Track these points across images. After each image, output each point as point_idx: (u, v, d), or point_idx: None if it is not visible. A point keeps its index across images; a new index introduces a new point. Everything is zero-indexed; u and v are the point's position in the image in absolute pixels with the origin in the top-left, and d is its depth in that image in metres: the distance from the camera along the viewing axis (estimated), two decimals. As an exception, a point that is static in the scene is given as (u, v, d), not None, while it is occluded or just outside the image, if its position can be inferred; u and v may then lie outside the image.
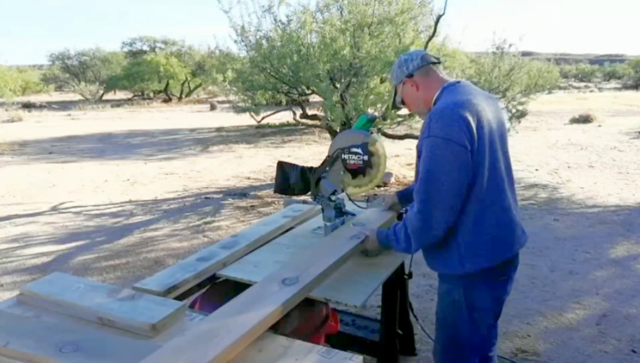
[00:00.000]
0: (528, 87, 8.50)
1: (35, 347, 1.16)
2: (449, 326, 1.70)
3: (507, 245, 1.62)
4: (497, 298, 1.67)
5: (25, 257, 4.14)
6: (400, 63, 1.74)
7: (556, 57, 39.46)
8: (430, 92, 1.67)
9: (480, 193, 1.54)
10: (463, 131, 1.48)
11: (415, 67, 1.69)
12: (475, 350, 1.71)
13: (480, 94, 1.65)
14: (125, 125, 14.25)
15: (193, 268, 1.73)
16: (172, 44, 27.16)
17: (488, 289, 1.63)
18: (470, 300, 1.62)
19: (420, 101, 1.72)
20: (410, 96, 1.74)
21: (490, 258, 1.59)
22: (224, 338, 1.16)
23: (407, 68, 1.71)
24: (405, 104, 1.80)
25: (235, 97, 7.95)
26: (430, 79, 1.69)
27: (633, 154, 8.35)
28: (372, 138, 2.00)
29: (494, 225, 1.58)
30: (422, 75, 1.69)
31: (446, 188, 1.50)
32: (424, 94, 1.69)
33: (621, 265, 3.80)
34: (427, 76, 1.69)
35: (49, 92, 29.01)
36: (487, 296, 1.64)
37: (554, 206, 5.41)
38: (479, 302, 1.63)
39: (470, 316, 1.64)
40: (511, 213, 1.63)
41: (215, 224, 4.92)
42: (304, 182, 2.09)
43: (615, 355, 2.58)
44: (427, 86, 1.68)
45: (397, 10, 5.94)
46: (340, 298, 1.57)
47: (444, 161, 1.49)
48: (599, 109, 15.37)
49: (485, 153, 1.54)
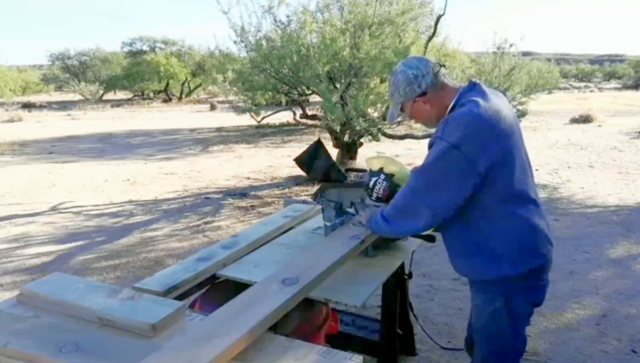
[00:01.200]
0: (528, 87, 8.52)
1: (35, 347, 1.16)
2: (491, 337, 1.64)
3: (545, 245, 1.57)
4: (535, 302, 1.63)
5: (25, 257, 4.14)
6: (408, 80, 1.57)
7: (556, 57, 39.49)
8: (444, 104, 1.57)
9: (509, 196, 1.49)
10: (477, 143, 1.42)
11: (428, 84, 1.56)
12: (518, 356, 1.68)
13: (496, 94, 1.58)
14: (125, 125, 14.24)
15: (193, 268, 1.73)
16: (172, 44, 27.15)
17: (528, 295, 1.58)
18: (511, 307, 1.56)
19: (432, 115, 1.61)
20: (421, 112, 1.63)
21: (526, 263, 1.53)
22: (224, 339, 1.16)
23: (419, 86, 1.56)
24: (412, 117, 1.71)
25: (235, 98, 7.95)
26: (443, 91, 1.58)
27: (633, 154, 8.35)
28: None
29: (527, 228, 1.53)
30: (435, 91, 1.57)
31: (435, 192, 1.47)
32: (437, 109, 1.58)
33: (621, 265, 3.80)
34: (440, 89, 1.58)
35: (49, 92, 29.01)
36: (527, 302, 1.60)
37: (554, 206, 5.41)
38: (519, 309, 1.58)
39: (513, 324, 1.59)
40: (544, 217, 1.59)
41: (215, 224, 4.92)
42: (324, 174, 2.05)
43: (615, 355, 2.58)
44: (441, 101, 1.57)
45: (398, 11, 5.94)
46: (340, 298, 1.57)
47: (443, 167, 1.44)
48: (599, 109, 15.37)
49: (514, 160, 1.49)
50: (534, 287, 1.59)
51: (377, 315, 2.49)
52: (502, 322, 1.58)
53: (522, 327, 1.63)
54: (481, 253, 1.55)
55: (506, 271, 1.52)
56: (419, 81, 1.56)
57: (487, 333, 1.64)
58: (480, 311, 1.64)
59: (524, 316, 1.62)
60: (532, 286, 1.58)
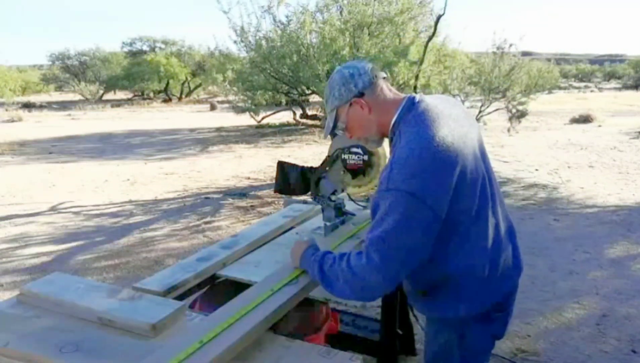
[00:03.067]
0: (528, 87, 8.52)
1: (35, 347, 1.16)
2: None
3: (505, 279, 1.42)
4: (495, 336, 1.48)
5: (25, 257, 4.14)
6: (344, 79, 1.39)
7: (556, 57, 39.48)
8: (387, 115, 1.36)
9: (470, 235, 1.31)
10: (433, 185, 1.20)
11: (366, 83, 1.37)
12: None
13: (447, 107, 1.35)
14: (125, 125, 14.24)
15: (193, 268, 1.73)
16: (172, 44, 27.17)
17: (485, 328, 1.42)
18: (465, 341, 1.40)
19: (372, 125, 1.40)
20: (358, 119, 1.40)
21: (487, 299, 1.38)
22: (224, 338, 1.16)
23: (355, 86, 1.37)
24: (349, 129, 1.45)
25: (235, 98, 7.96)
26: (383, 98, 1.38)
27: (633, 154, 8.35)
28: None
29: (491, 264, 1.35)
30: (373, 93, 1.37)
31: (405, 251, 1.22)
32: (377, 117, 1.38)
33: (621, 264, 3.80)
34: (380, 94, 1.38)
35: (49, 92, 28.99)
36: (485, 336, 1.44)
37: (554, 206, 5.41)
38: (474, 344, 1.42)
39: (463, 358, 1.43)
40: (506, 249, 1.41)
41: (215, 224, 4.92)
42: (304, 182, 2.09)
43: (615, 355, 2.58)
44: (381, 107, 1.37)
45: (397, 11, 5.95)
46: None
47: (404, 221, 1.19)
48: (599, 109, 15.37)
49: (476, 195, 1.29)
50: (494, 318, 1.43)
51: (377, 315, 2.49)
52: (452, 355, 1.43)
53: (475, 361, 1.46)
54: (437, 292, 1.39)
55: (462, 311, 1.36)
56: (355, 80, 1.37)
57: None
58: (431, 341, 1.49)
59: (480, 352, 1.46)
60: (493, 317, 1.42)
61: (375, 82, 1.38)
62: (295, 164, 2.14)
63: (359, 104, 1.38)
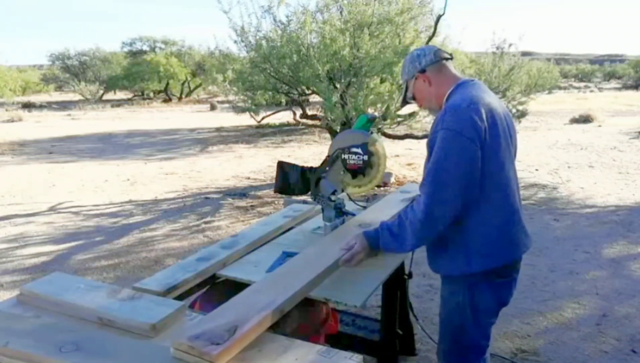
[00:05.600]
0: (528, 87, 8.51)
1: (35, 347, 1.16)
2: (453, 328, 1.69)
3: (515, 245, 1.61)
4: (500, 300, 1.67)
5: (25, 257, 4.14)
6: (412, 58, 1.72)
7: (556, 57, 39.49)
8: (443, 88, 1.65)
9: (490, 192, 1.53)
10: (475, 128, 1.47)
11: (428, 62, 1.68)
12: (479, 351, 1.71)
13: (493, 95, 1.64)
14: (125, 125, 14.24)
15: (193, 268, 1.73)
16: (172, 44, 27.17)
17: (492, 291, 1.62)
18: (475, 301, 1.61)
19: (432, 96, 1.70)
20: (422, 91, 1.72)
21: (498, 258, 1.57)
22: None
23: (419, 63, 1.69)
24: (416, 99, 1.77)
25: (235, 98, 7.95)
26: (443, 75, 1.67)
27: (633, 154, 8.35)
28: (372, 137, 2.00)
29: (503, 225, 1.57)
30: (434, 71, 1.68)
31: (454, 180, 1.47)
32: (436, 90, 1.67)
33: (621, 264, 3.80)
34: (440, 72, 1.68)
35: (49, 92, 29.00)
36: (491, 298, 1.63)
37: (554, 206, 5.41)
38: (483, 304, 1.62)
39: (475, 318, 1.63)
40: (519, 214, 1.63)
41: (214, 224, 4.92)
42: (304, 182, 2.09)
43: (615, 355, 2.58)
44: (440, 82, 1.67)
45: (397, 10, 5.94)
46: (340, 298, 1.56)
47: (454, 154, 1.47)
48: (599, 109, 15.37)
49: (499, 153, 1.53)
50: (500, 284, 1.63)
51: (377, 315, 2.49)
52: (465, 315, 1.63)
53: (485, 322, 1.67)
54: (454, 248, 1.59)
55: (475, 266, 1.56)
56: (420, 59, 1.69)
57: (449, 324, 1.70)
58: (446, 302, 1.70)
59: (488, 312, 1.66)
60: (499, 282, 1.62)
61: (438, 62, 1.68)
62: (295, 164, 2.14)
63: (422, 78, 1.69)
